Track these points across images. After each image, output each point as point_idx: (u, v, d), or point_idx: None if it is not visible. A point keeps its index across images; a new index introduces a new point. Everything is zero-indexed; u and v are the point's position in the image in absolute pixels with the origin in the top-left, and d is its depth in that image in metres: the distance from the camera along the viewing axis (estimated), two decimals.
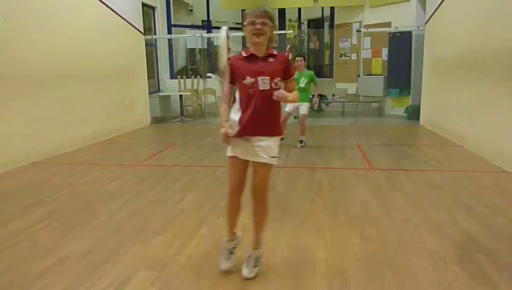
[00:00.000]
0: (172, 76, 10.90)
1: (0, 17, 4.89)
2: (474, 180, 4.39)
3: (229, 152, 2.35)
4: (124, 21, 7.92)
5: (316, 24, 13.24)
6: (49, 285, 2.32)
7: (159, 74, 10.57)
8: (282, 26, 11.89)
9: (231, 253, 2.50)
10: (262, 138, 2.28)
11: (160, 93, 10.22)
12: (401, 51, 9.23)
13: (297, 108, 6.10)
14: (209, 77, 10.99)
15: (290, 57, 7.07)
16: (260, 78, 2.21)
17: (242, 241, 2.58)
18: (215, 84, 10.48)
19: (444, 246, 2.75)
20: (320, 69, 12.65)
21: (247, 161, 2.35)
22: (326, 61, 12.48)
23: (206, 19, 12.17)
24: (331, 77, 11.72)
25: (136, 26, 8.45)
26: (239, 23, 12.69)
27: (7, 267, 2.54)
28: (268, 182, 2.35)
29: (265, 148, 2.28)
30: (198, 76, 10.15)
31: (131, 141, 7.24)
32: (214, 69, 12.12)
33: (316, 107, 7.21)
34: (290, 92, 2.31)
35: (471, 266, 2.46)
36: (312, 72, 6.34)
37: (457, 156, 5.57)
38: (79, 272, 2.46)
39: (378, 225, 3.12)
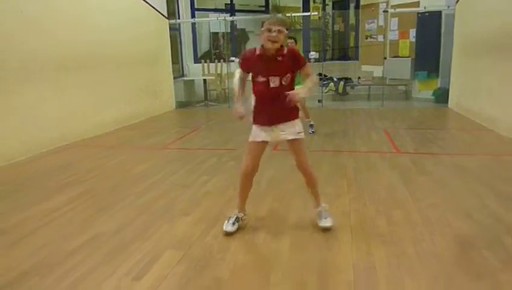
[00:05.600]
0: (196, 60, 10.94)
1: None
2: (505, 164, 4.26)
3: (252, 138, 2.61)
4: (148, 6, 7.97)
5: (341, 5, 12.96)
6: (83, 260, 2.43)
7: (183, 59, 10.63)
8: (306, 8, 11.70)
9: (237, 221, 2.77)
10: (280, 126, 2.57)
11: (185, 78, 10.29)
12: (429, 31, 8.91)
13: None
14: (233, 61, 10.97)
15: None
16: (271, 77, 2.48)
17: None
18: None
19: (472, 230, 2.70)
20: (346, 52, 12.43)
21: (264, 146, 2.60)
22: (352, 44, 12.25)
23: (229, 2, 12.10)
24: (357, 59, 11.50)
25: (160, 10, 8.49)
26: (262, 6, 12.57)
27: (44, 243, 2.67)
28: (306, 155, 2.69)
29: (289, 128, 2.58)
30: (222, 60, 10.15)
31: (157, 125, 7.36)
32: (237, 52, 12.10)
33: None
34: (308, 76, 2.60)
35: (501, 250, 2.42)
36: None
37: (488, 140, 5.41)
38: (110, 249, 2.56)
39: (404, 208, 3.09)
